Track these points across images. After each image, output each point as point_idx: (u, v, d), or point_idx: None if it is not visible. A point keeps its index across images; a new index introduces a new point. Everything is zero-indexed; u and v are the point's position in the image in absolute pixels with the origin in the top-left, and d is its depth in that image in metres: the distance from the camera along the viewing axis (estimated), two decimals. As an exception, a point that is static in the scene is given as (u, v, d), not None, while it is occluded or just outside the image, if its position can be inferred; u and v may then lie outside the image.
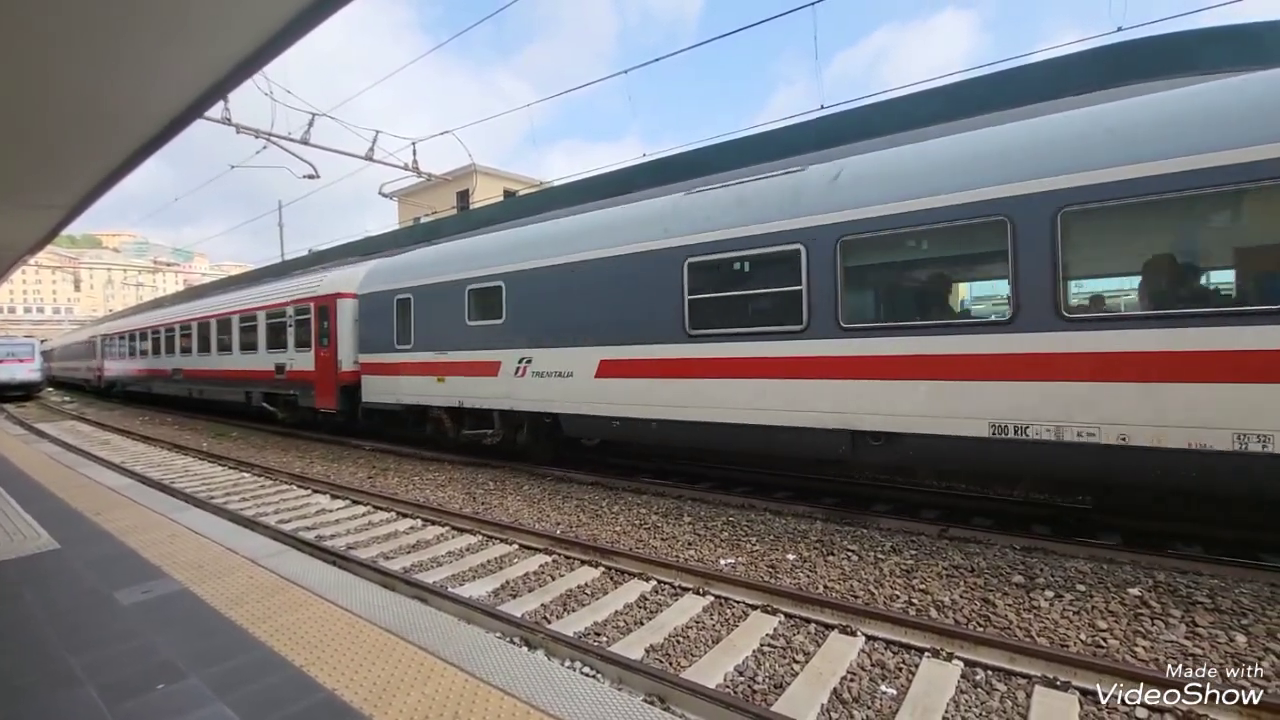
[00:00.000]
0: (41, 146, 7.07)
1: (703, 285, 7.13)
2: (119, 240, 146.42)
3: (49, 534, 5.34)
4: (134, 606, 3.76)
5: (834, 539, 6.16)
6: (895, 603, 4.80)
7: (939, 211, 5.61)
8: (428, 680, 2.83)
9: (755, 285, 6.92)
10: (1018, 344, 5.31)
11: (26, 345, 32.05)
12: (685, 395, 7.24)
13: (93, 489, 7.32)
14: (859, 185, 6.21)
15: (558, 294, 8.65)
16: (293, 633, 3.33)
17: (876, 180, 6.16)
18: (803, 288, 6.33)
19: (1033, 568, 5.27)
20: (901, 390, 5.85)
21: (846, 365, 6.11)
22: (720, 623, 4.62)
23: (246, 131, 12.16)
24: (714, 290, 7.06)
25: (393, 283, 11.68)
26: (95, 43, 4.81)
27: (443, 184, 23.27)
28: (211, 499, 8.69)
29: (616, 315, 7.93)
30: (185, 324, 20.38)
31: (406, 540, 6.78)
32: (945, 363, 5.63)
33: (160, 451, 13.81)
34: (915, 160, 6.08)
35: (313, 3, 4.45)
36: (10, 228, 10.72)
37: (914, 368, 5.78)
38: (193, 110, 6.27)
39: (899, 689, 3.71)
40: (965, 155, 5.77)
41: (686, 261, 7.22)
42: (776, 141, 10.42)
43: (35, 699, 2.78)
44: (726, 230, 6.92)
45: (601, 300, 8.12)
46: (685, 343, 7.23)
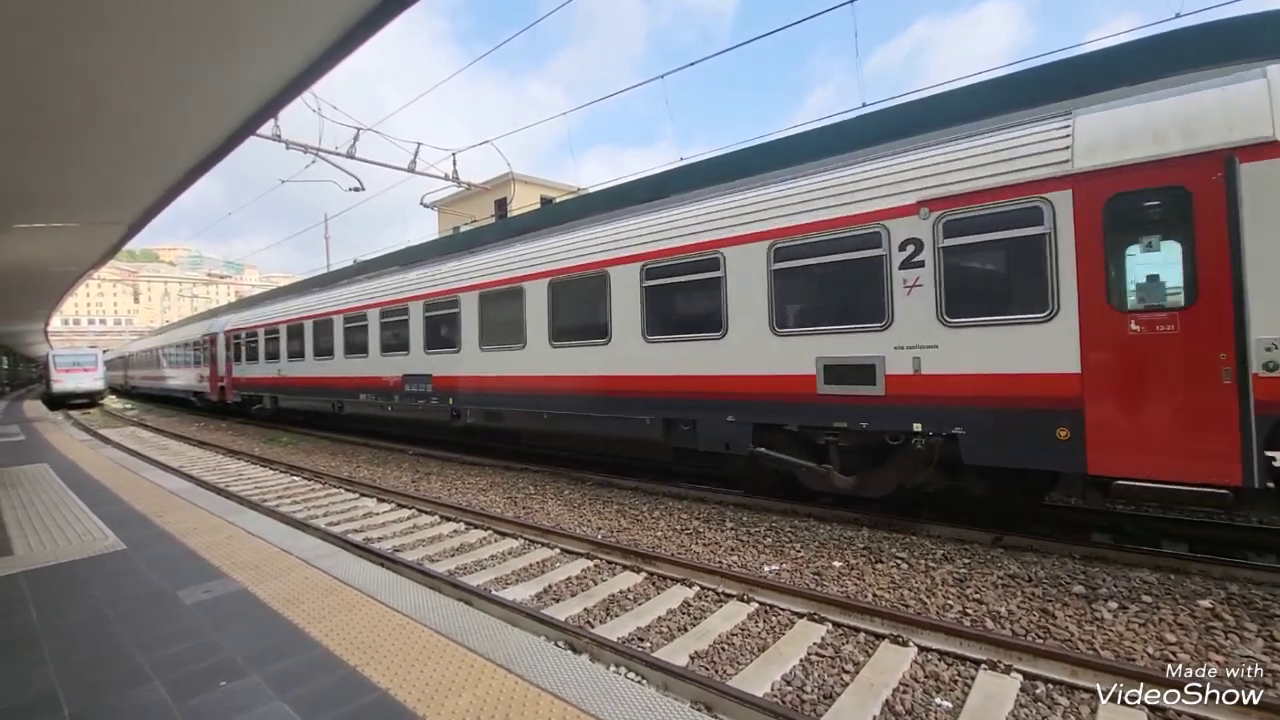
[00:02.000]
0: (107, 167, 7.48)
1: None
2: (174, 254, 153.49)
3: (115, 535, 5.59)
4: (196, 606, 3.89)
5: (881, 546, 6.01)
6: (948, 612, 4.65)
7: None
8: (479, 682, 2.85)
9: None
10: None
11: (90, 355, 33.86)
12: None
13: (154, 492, 7.64)
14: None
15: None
16: (346, 633, 3.40)
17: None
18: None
19: (1094, 578, 5.05)
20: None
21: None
22: (766, 630, 4.55)
23: (296, 147, 12.59)
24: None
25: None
26: (154, 67, 5.07)
27: (481, 193, 23.69)
28: (265, 502, 8.99)
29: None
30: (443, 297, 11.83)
31: (450, 543, 6.88)
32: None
33: (215, 456, 14.36)
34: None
35: (358, 21, 4.60)
36: (80, 244, 11.36)
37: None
38: (246, 128, 6.55)
39: (955, 702, 3.59)
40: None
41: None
42: (810, 143, 10.27)
43: (109, 694, 2.90)
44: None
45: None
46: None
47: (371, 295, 13.94)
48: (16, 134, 6.06)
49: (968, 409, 5.64)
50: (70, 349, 36.90)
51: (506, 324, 10.11)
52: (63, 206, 8.87)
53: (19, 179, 7.43)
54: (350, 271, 22.19)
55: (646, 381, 8.15)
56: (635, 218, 8.91)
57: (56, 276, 15.43)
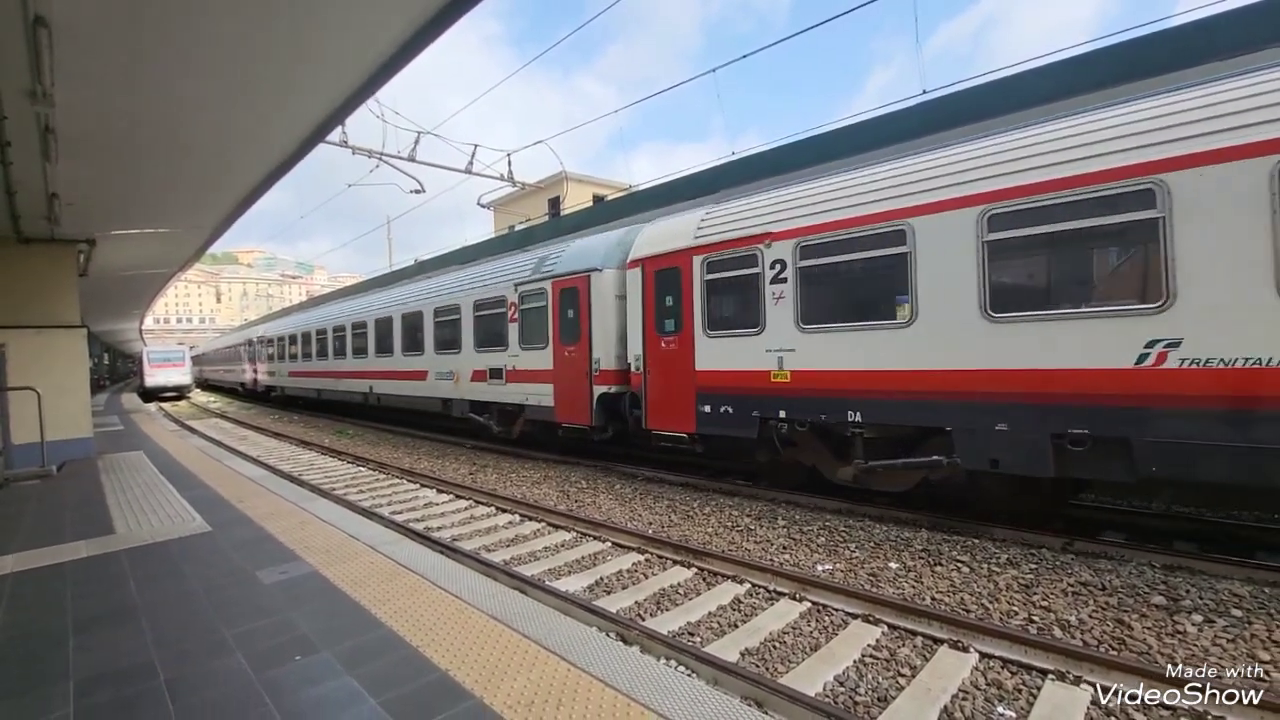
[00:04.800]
0: (193, 179, 8.03)
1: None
2: (251, 256, 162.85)
3: (202, 518, 6.02)
4: (273, 585, 4.16)
5: (941, 549, 5.82)
6: (1013, 619, 4.46)
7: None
8: (533, 667, 2.94)
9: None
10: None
11: (179, 352, 36.43)
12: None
13: (235, 478, 8.17)
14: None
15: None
16: (409, 615, 3.56)
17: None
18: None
19: (1176, 588, 4.74)
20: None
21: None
22: (818, 630, 4.49)
23: (361, 152, 13.16)
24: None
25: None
26: (236, 90, 5.44)
27: (534, 192, 24.14)
28: (334, 490, 9.47)
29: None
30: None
31: (505, 534, 7.08)
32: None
33: (289, 447, 15.21)
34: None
35: (420, 27, 4.78)
36: (170, 248, 12.24)
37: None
38: (316, 135, 6.89)
39: (1019, 712, 3.46)
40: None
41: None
42: (868, 132, 9.98)
43: (198, 663, 3.14)
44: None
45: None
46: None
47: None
48: (107, 154, 6.61)
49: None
50: (162, 346, 39.77)
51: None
52: (155, 215, 9.58)
53: (118, 191, 8.08)
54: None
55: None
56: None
57: (149, 278, 16.66)
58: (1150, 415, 4.87)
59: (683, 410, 8.32)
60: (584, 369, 9.70)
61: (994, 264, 5.66)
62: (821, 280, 7.07)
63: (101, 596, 4.08)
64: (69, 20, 4.02)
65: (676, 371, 8.39)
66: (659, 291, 8.67)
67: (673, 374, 8.44)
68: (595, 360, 9.57)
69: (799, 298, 7.09)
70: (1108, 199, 5.09)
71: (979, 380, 5.75)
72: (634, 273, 9.05)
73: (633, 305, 9.04)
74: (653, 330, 8.69)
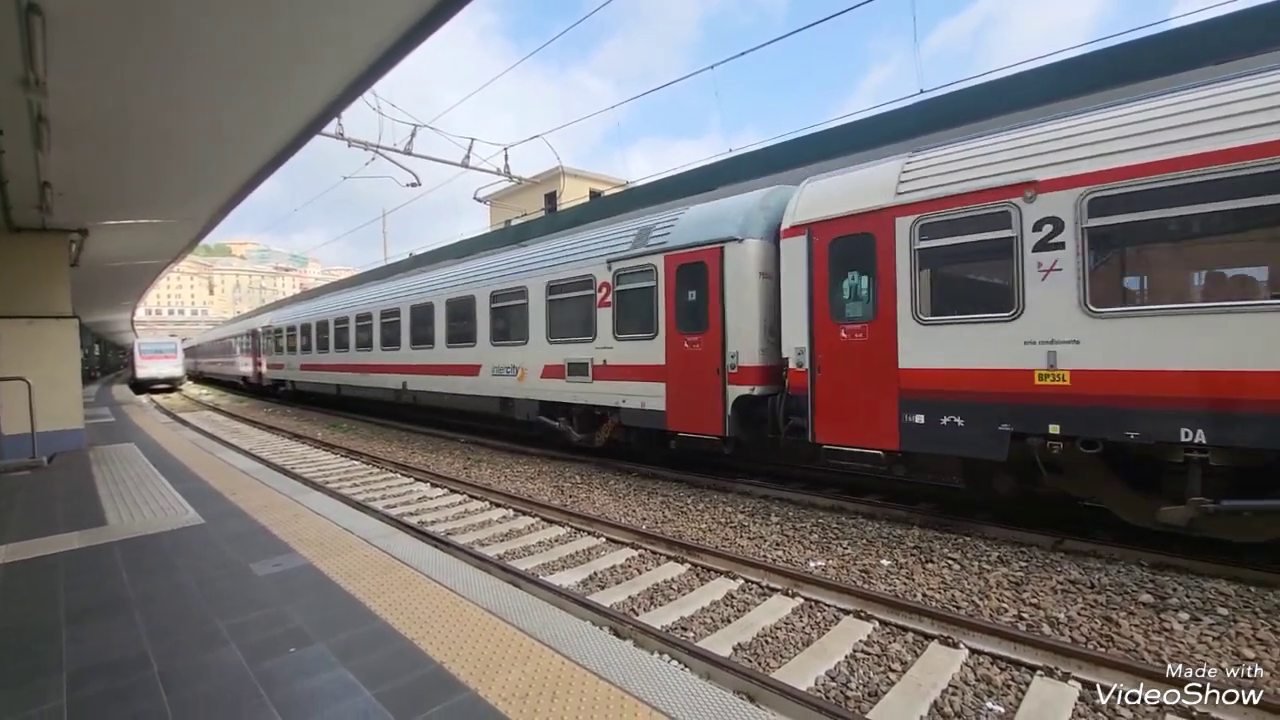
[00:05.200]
0: (186, 171, 7.97)
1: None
2: (244, 248, 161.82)
3: (195, 510, 6.00)
4: (267, 578, 4.15)
5: (933, 546, 5.87)
6: (1003, 616, 4.51)
7: None
8: (527, 660, 2.95)
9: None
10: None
11: (171, 344, 36.24)
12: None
13: (228, 471, 8.14)
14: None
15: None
16: (404, 608, 3.57)
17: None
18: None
19: (1164, 587, 4.81)
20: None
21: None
22: (811, 625, 4.52)
23: (357, 144, 13.09)
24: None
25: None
26: (227, 72, 5.39)
27: (531, 187, 24.09)
28: (328, 483, 9.45)
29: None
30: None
31: (500, 529, 7.09)
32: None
33: (282, 440, 15.15)
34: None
35: (419, 20, 4.76)
36: (162, 238, 12.14)
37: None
38: (311, 128, 6.85)
39: (1007, 707, 3.50)
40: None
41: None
42: (864, 132, 10.01)
43: (192, 655, 3.14)
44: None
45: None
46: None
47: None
48: (100, 143, 6.56)
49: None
50: (153, 338, 39.55)
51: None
52: (148, 205, 9.50)
53: (111, 181, 8.02)
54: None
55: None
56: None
57: (141, 269, 16.53)
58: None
59: (878, 420, 6.37)
60: (713, 364, 7.88)
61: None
62: (1132, 242, 5.32)
63: (94, 588, 4.07)
64: (63, 7, 3.98)
65: (867, 370, 6.46)
66: (836, 265, 6.81)
67: (860, 372, 6.52)
68: (731, 355, 7.73)
69: (1086, 270, 5.19)
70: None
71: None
72: (794, 242, 7.13)
73: (791, 284, 7.17)
74: (826, 316, 6.82)
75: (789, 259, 7.22)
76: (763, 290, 7.70)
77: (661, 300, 8.58)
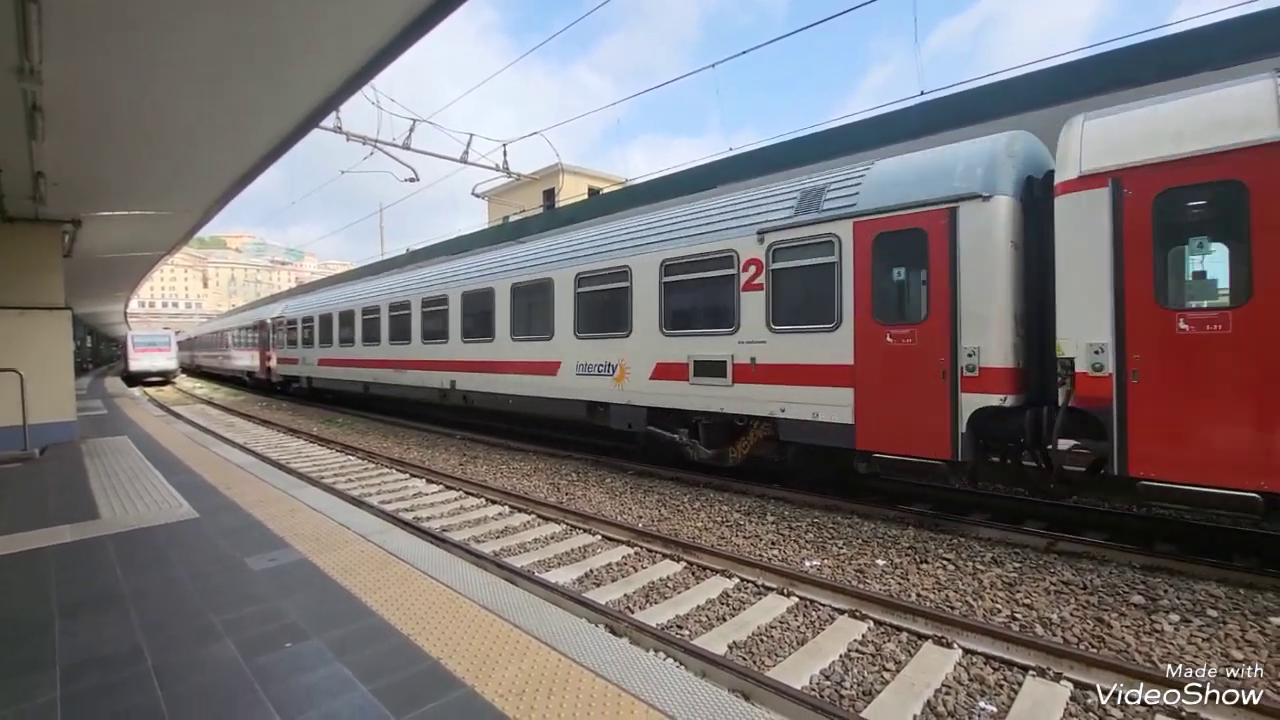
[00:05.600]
0: (178, 161, 7.92)
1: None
2: (240, 241, 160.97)
3: (189, 504, 5.97)
4: (262, 572, 4.14)
5: (928, 546, 5.89)
6: (996, 616, 4.54)
7: None
8: (524, 656, 2.95)
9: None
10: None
11: (165, 337, 36.04)
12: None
13: (222, 465, 8.11)
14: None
15: None
16: (400, 604, 3.57)
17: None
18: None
19: (1155, 588, 4.84)
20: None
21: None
22: (805, 625, 4.54)
23: (356, 139, 13.03)
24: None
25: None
26: (223, 63, 5.36)
27: (530, 183, 24.03)
28: (323, 479, 9.42)
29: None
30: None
31: (495, 525, 7.08)
32: None
33: (276, 434, 15.09)
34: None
35: (419, 15, 4.74)
36: (157, 230, 12.06)
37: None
38: (309, 121, 6.82)
39: (1000, 707, 3.52)
40: None
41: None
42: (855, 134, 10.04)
43: (186, 650, 3.12)
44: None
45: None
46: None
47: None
48: (95, 133, 6.51)
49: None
50: (147, 330, 39.31)
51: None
52: (139, 196, 9.43)
53: (105, 172, 7.95)
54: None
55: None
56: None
57: (135, 261, 16.42)
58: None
59: (1254, 451, 4.62)
60: (936, 365, 6.06)
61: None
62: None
63: (86, 582, 4.04)
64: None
65: (1231, 377, 4.73)
66: (1169, 228, 5.21)
67: (1218, 381, 4.78)
68: (968, 352, 5.92)
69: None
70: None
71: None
72: (1083, 198, 5.40)
73: (1078, 256, 5.41)
74: (1149, 301, 5.10)
75: (1074, 222, 5.46)
76: (1014, 263, 5.97)
77: (847, 281, 6.76)
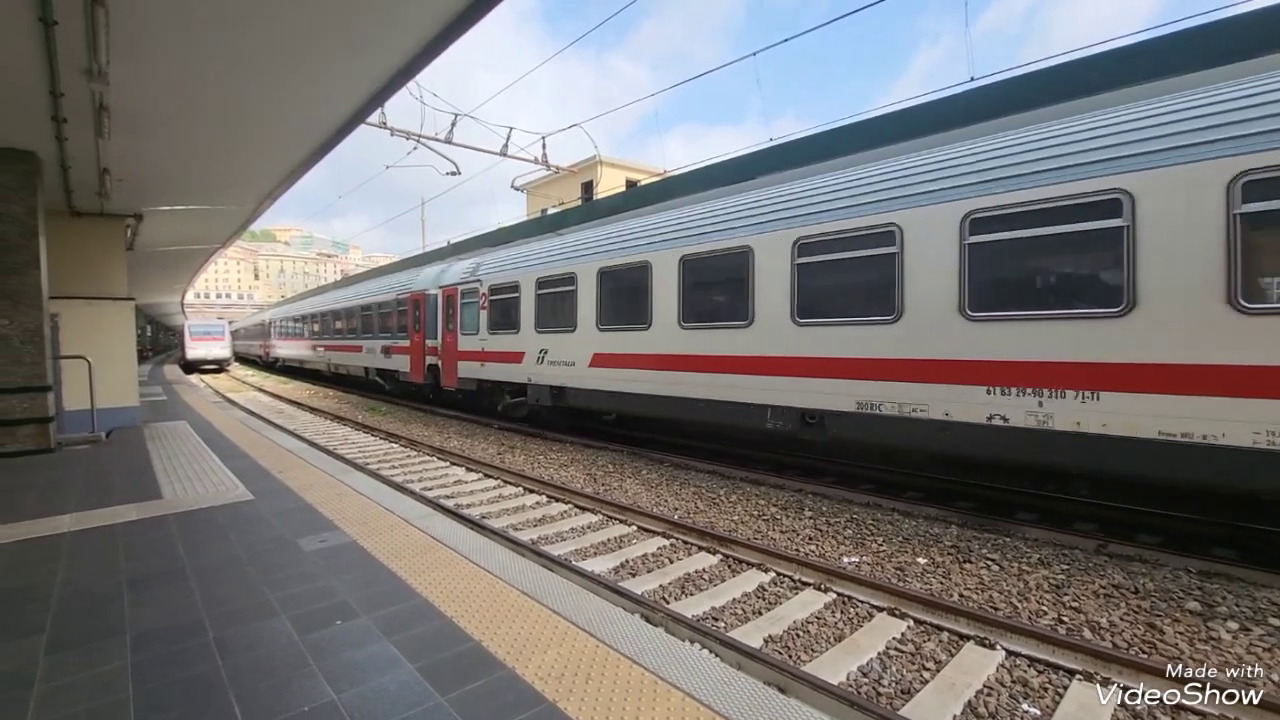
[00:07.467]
0: (236, 157, 8.23)
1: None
2: (289, 234, 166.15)
3: (244, 486, 6.24)
4: (314, 553, 4.31)
5: (971, 546, 5.76)
6: (1042, 619, 4.42)
7: None
8: (563, 641, 3.02)
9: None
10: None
11: (219, 326, 37.56)
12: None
13: (274, 450, 8.44)
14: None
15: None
16: (444, 587, 3.67)
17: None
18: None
19: (1212, 595, 4.64)
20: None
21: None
22: (843, 621, 4.50)
23: (400, 134, 13.31)
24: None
25: None
26: (279, 69, 5.56)
27: (568, 175, 24.17)
28: (368, 464, 9.73)
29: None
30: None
31: (533, 514, 7.20)
32: None
33: (324, 421, 15.62)
34: None
35: (458, 14, 4.81)
36: (212, 224, 12.56)
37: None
38: (357, 118, 7.00)
39: (1044, 710, 3.44)
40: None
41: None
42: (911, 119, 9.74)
43: (245, 624, 3.29)
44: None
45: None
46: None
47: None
48: (168, 132, 6.82)
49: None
50: (202, 320, 41.04)
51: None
52: (199, 191, 9.86)
53: (166, 168, 8.33)
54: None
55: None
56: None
57: (192, 254, 17.16)
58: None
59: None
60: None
61: None
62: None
63: (151, 558, 4.28)
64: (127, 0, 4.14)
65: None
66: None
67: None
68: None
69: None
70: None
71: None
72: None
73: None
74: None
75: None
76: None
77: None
